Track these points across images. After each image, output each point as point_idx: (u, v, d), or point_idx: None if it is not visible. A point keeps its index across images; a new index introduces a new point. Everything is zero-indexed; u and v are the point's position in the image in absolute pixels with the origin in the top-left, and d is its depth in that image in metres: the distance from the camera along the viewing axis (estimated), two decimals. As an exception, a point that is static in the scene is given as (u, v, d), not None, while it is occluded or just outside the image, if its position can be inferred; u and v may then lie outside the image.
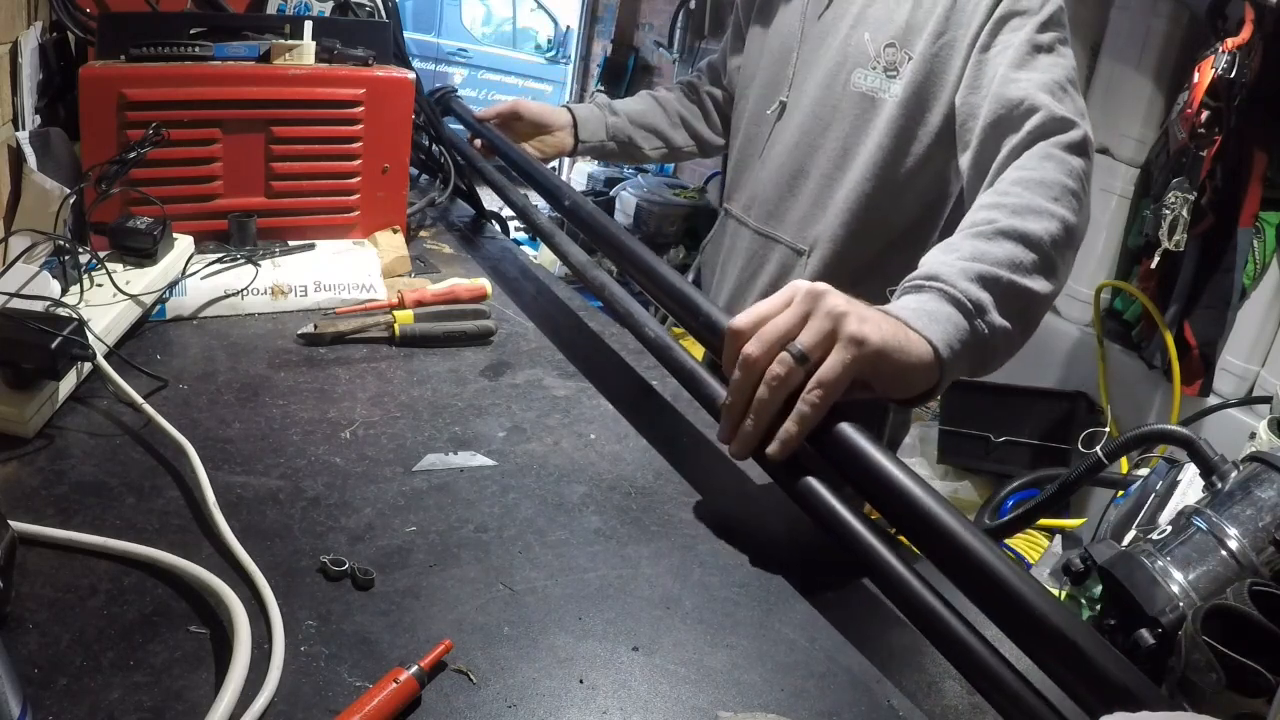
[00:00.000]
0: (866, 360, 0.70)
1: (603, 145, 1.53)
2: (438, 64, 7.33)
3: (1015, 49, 1.03)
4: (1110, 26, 2.63)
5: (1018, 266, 0.85)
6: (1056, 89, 0.99)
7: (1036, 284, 0.87)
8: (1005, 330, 0.83)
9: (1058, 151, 0.95)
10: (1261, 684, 0.63)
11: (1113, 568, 0.83)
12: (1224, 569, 0.81)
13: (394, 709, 0.53)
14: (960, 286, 0.80)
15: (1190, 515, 0.87)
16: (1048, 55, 1.03)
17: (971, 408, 2.62)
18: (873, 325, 0.71)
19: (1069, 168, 0.94)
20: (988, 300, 0.81)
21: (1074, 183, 0.93)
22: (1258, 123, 2.20)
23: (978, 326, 0.79)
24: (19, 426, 0.76)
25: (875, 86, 1.17)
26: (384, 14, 1.47)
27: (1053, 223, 0.89)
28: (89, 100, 1.07)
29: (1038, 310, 0.89)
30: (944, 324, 0.77)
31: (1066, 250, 0.92)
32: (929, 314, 0.77)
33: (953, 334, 0.77)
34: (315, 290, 1.12)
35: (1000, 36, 1.05)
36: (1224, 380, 2.35)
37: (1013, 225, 0.87)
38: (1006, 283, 0.83)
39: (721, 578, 0.71)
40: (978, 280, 0.81)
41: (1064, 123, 0.97)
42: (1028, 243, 0.87)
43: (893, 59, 1.15)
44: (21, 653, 0.54)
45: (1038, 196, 0.90)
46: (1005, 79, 1.02)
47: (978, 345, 0.80)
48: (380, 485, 0.77)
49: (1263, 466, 0.88)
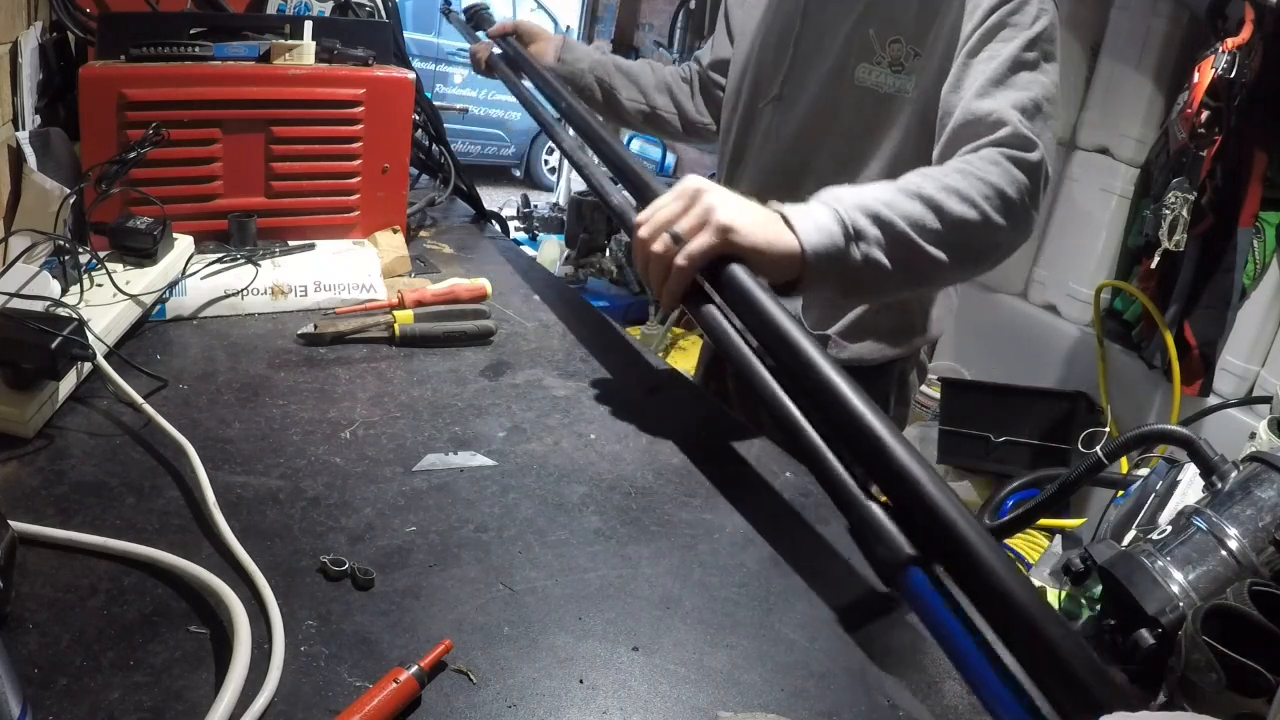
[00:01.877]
0: (729, 243, 0.83)
1: (581, 75, 1.53)
2: (438, 64, 7.33)
3: (999, 62, 1.03)
4: (1110, 26, 2.63)
5: (918, 227, 0.90)
6: (1030, 108, 1.01)
7: (931, 249, 0.91)
8: (881, 267, 0.89)
9: (1007, 162, 0.97)
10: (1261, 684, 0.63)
11: (1113, 568, 0.83)
12: (1224, 569, 0.81)
13: (394, 709, 0.53)
14: (851, 213, 0.88)
15: (1190, 515, 0.87)
16: (1029, 73, 1.03)
17: (971, 408, 2.61)
18: (743, 217, 0.84)
19: (1012, 178, 0.95)
20: (873, 234, 0.88)
21: (1012, 192, 0.95)
22: (1258, 123, 2.20)
23: (851, 250, 0.87)
24: (19, 426, 0.76)
25: (881, 82, 1.16)
26: (384, 14, 1.47)
27: (972, 211, 0.92)
28: (89, 100, 1.07)
29: (928, 269, 0.92)
30: (820, 233, 0.86)
31: (980, 243, 0.95)
32: (813, 221, 0.86)
33: (823, 243, 0.85)
34: (315, 290, 1.12)
35: (989, 46, 1.05)
36: (1224, 380, 2.34)
37: (933, 196, 0.91)
38: (899, 231, 0.89)
39: (721, 578, 0.71)
40: (872, 216, 0.88)
41: (1026, 142, 0.98)
42: (939, 214, 0.91)
43: (898, 54, 1.14)
44: (21, 653, 0.54)
45: (970, 186, 0.93)
46: (981, 91, 1.03)
47: (847, 267, 0.87)
48: (380, 485, 0.77)
49: (1263, 466, 0.88)
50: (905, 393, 1.39)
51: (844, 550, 0.77)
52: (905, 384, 1.38)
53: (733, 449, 0.94)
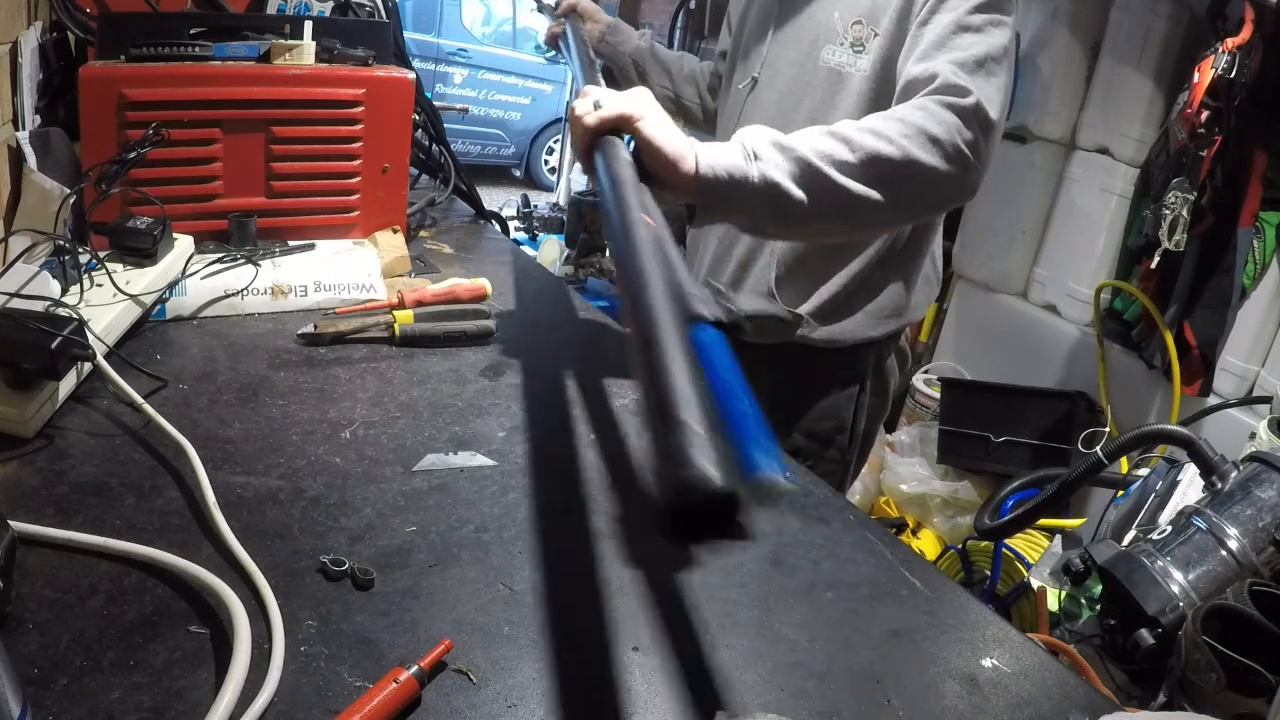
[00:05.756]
0: (632, 126, 0.88)
1: (621, 57, 1.67)
2: (438, 64, 7.33)
3: (941, 28, 1.06)
4: (1110, 26, 2.63)
5: (826, 157, 0.92)
6: (969, 64, 1.02)
7: (842, 179, 0.92)
8: (788, 195, 0.91)
9: (933, 105, 0.97)
10: (1261, 684, 0.63)
11: (1113, 568, 0.84)
12: (1224, 569, 0.81)
13: (394, 709, 0.53)
14: (752, 141, 0.91)
15: (1190, 515, 0.88)
16: (972, 35, 1.05)
17: (971, 408, 2.61)
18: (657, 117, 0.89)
19: (939, 119, 0.96)
20: (772, 157, 0.91)
21: (939, 131, 0.95)
22: (1258, 123, 2.20)
23: (749, 169, 0.90)
24: (19, 426, 0.76)
25: (843, 62, 1.20)
26: (384, 14, 1.47)
27: (889, 146, 0.93)
28: (89, 100, 1.07)
29: (850, 202, 0.93)
30: (719, 152, 0.90)
31: (901, 177, 0.95)
32: (716, 148, 0.90)
33: (721, 161, 0.89)
34: (315, 290, 1.12)
35: (936, 16, 1.08)
36: (1224, 380, 2.34)
37: (844, 132, 0.94)
38: (802, 156, 0.91)
39: (721, 578, 0.71)
40: (774, 144, 0.92)
41: (957, 89, 0.99)
42: (850, 146, 0.93)
43: (859, 35, 1.19)
44: (21, 653, 0.54)
45: (887, 126, 0.94)
46: (922, 54, 1.05)
47: (747, 188, 0.90)
48: (380, 485, 0.77)
49: (1263, 466, 0.88)
50: (884, 379, 1.39)
51: (844, 550, 0.77)
52: (882, 369, 1.38)
53: (733, 449, 0.94)
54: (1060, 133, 2.77)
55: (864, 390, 1.36)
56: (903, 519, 2.61)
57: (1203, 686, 0.66)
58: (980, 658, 0.66)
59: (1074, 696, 0.63)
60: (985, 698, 0.62)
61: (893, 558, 0.76)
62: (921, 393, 3.02)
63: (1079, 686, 0.65)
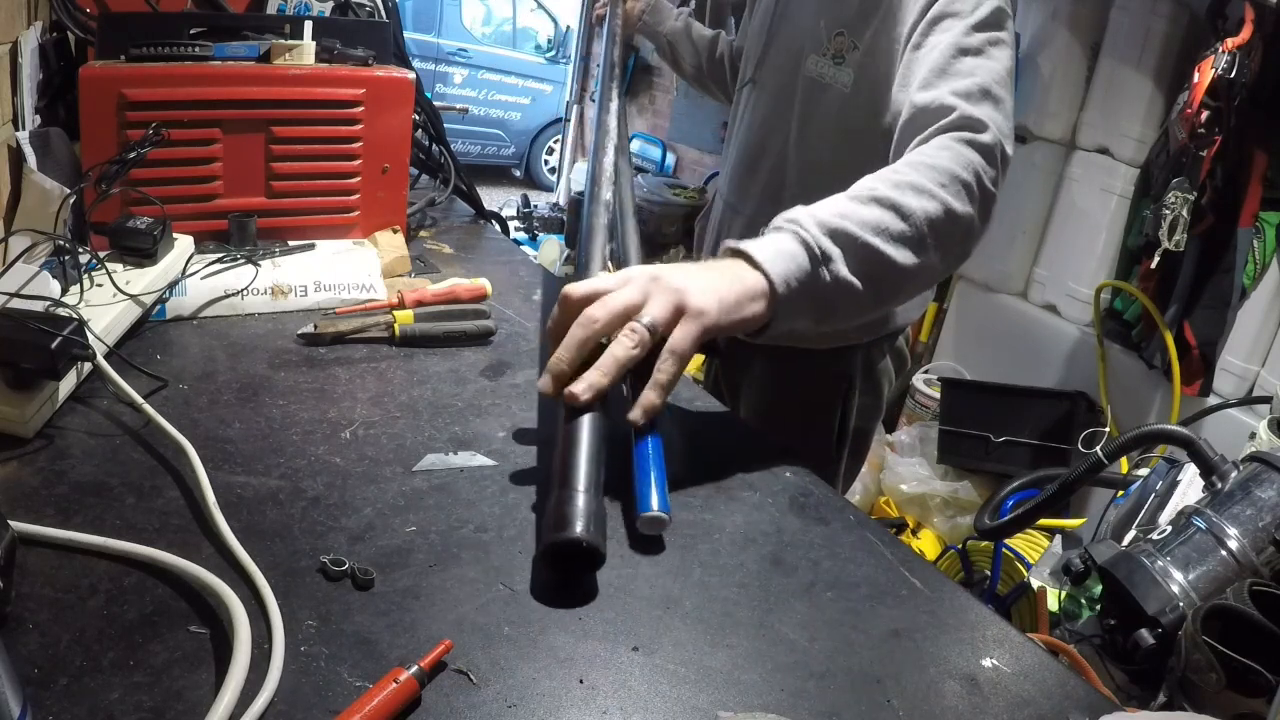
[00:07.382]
0: (708, 329, 0.78)
1: (657, 36, 1.72)
2: (438, 64, 7.34)
3: (940, 52, 1.03)
4: (1110, 26, 2.63)
5: (881, 231, 0.87)
6: (975, 93, 0.99)
7: (898, 253, 0.88)
8: (850, 286, 0.85)
9: (957, 144, 0.95)
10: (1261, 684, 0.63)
11: (1113, 568, 0.84)
12: (1224, 569, 0.81)
13: (394, 709, 0.53)
14: (813, 233, 0.84)
15: (1190, 515, 0.88)
16: (974, 58, 1.02)
17: (971, 408, 2.62)
18: (711, 295, 0.78)
19: (965, 160, 0.93)
20: (836, 252, 0.84)
21: (967, 175, 0.93)
22: (1258, 123, 2.20)
23: (821, 274, 0.83)
24: (19, 426, 0.76)
25: (824, 74, 1.20)
26: (384, 14, 1.47)
27: (932, 203, 0.90)
28: (89, 100, 1.07)
29: (896, 278, 0.90)
30: (787, 262, 0.82)
31: (947, 234, 0.91)
32: (776, 250, 0.82)
33: (793, 272, 0.82)
34: (315, 290, 1.12)
35: (930, 38, 1.05)
36: (1224, 380, 2.35)
37: (889, 195, 0.89)
38: (861, 242, 0.86)
39: (721, 578, 0.71)
40: (832, 233, 0.85)
41: (974, 123, 0.96)
42: (899, 213, 0.88)
43: (841, 47, 1.18)
44: (21, 653, 0.54)
45: (923, 177, 0.91)
46: (924, 83, 1.02)
47: (819, 293, 0.84)
48: (380, 485, 0.77)
49: (1263, 466, 0.88)
50: (875, 379, 1.39)
51: (844, 550, 0.77)
52: (874, 370, 1.38)
53: (732, 448, 0.94)
54: (1060, 133, 2.78)
55: (854, 389, 1.36)
56: (903, 519, 2.62)
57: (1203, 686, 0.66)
58: (980, 658, 0.66)
59: (1074, 696, 0.63)
60: (985, 698, 0.62)
61: (893, 558, 0.76)
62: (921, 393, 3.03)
63: (1079, 686, 0.65)
